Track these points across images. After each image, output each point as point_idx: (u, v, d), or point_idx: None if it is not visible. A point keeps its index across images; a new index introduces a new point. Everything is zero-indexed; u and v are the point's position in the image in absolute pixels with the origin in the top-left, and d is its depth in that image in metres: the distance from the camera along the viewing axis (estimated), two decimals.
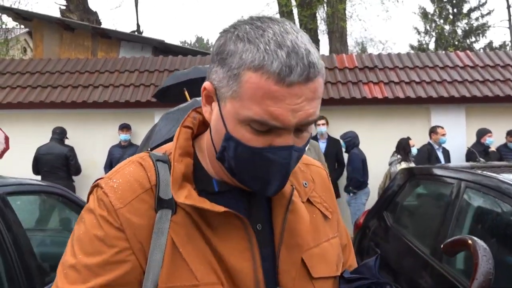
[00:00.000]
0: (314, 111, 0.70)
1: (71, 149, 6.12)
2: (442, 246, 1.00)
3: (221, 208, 0.72)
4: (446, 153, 5.98)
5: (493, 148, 6.02)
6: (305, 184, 0.88)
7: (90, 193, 0.78)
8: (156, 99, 4.46)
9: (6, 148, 5.25)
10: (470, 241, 0.91)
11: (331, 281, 0.83)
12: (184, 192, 0.73)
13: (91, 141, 6.69)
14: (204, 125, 0.84)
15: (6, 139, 5.32)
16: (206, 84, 0.75)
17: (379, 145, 6.27)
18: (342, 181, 6.13)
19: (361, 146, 5.86)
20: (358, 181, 5.69)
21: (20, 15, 10.83)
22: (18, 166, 6.01)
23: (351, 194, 5.83)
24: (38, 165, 5.97)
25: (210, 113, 0.77)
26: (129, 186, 0.75)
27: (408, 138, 5.68)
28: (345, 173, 6.05)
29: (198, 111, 0.85)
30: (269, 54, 0.65)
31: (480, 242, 0.90)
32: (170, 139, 0.84)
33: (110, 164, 6.21)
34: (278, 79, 0.64)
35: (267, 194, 0.75)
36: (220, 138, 0.73)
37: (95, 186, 0.78)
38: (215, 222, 0.74)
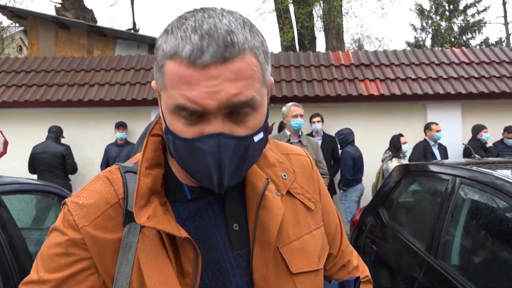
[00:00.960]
0: (240, 91, 0.65)
1: (68, 148, 6.11)
2: None
3: (183, 234, 0.70)
4: (442, 149, 5.99)
5: (490, 143, 6.04)
6: (284, 176, 0.85)
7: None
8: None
9: (3, 152, 5.25)
10: None
11: (313, 274, 0.82)
12: (148, 211, 0.71)
13: (87, 139, 6.68)
14: None
15: (5, 143, 5.33)
16: (152, 83, 0.75)
17: (375, 142, 6.28)
18: (338, 178, 6.14)
19: (357, 143, 5.87)
20: (347, 179, 5.70)
21: (15, 14, 10.77)
22: (14, 165, 6.00)
23: (341, 191, 5.86)
24: (34, 164, 5.95)
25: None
26: (95, 202, 0.74)
27: (400, 135, 5.68)
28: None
29: None
30: (183, 40, 0.64)
31: None
32: None
33: (106, 163, 6.20)
34: (189, 62, 0.64)
35: (215, 190, 0.71)
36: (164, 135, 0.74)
37: (63, 204, 0.77)
38: (178, 240, 0.72)
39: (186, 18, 0.68)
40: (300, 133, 4.59)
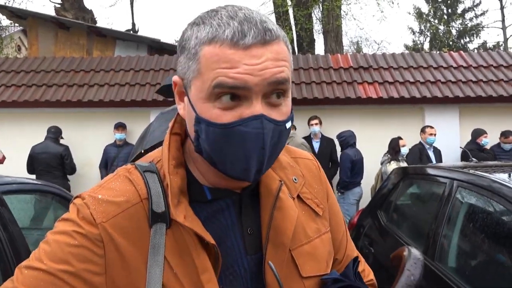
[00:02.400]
0: (282, 70, 0.67)
1: (66, 148, 6.11)
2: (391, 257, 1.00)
3: (210, 240, 0.70)
4: (437, 152, 6.03)
5: (487, 148, 6.08)
6: (295, 179, 0.85)
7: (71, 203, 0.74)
8: (160, 94, 4.39)
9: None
10: (404, 253, 0.91)
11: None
12: (182, 209, 0.70)
13: (86, 140, 6.68)
14: None
15: (3, 159, 5.42)
16: (174, 78, 0.75)
17: (374, 145, 6.30)
18: (336, 181, 6.16)
19: None
20: (344, 181, 5.73)
21: (14, 13, 10.77)
22: (13, 165, 5.99)
23: (339, 194, 5.88)
24: (33, 164, 5.95)
25: (184, 109, 0.75)
26: (114, 200, 0.71)
27: (399, 138, 5.70)
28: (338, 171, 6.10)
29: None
30: (221, 26, 0.66)
31: (413, 256, 0.90)
32: None
33: (105, 163, 6.20)
34: (232, 43, 0.65)
35: (249, 178, 0.70)
36: (193, 127, 0.71)
37: (76, 197, 0.74)
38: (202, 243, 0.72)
39: (216, 11, 0.69)
40: None
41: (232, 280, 0.74)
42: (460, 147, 6.22)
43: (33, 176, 5.79)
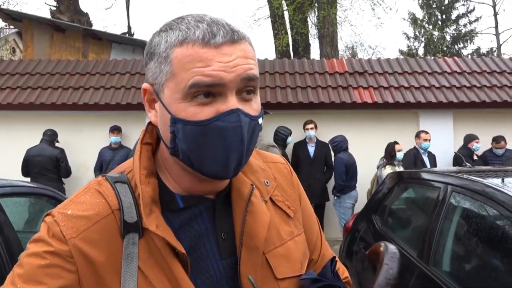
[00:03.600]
0: (251, 68, 0.70)
1: (62, 151, 6.09)
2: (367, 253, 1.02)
3: (181, 249, 0.70)
4: (432, 157, 6.08)
5: (478, 153, 6.15)
6: (267, 182, 0.86)
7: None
8: None
9: None
10: (381, 249, 0.93)
11: (296, 280, 0.82)
12: (153, 219, 0.71)
13: (82, 143, 6.66)
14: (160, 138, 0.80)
15: None
16: (144, 85, 0.75)
17: (369, 149, 6.34)
18: (332, 185, 6.18)
19: (350, 150, 5.93)
20: (340, 185, 5.75)
21: (10, 16, 10.73)
22: (7, 168, 5.96)
23: (335, 198, 5.90)
24: (28, 167, 5.92)
25: (156, 115, 0.76)
26: (84, 214, 0.71)
27: (395, 143, 5.75)
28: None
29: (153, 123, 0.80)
30: (190, 28, 0.69)
31: (389, 250, 0.91)
32: None
33: (100, 166, 6.18)
34: (203, 42, 0.67)
35: (228, 175, 0.72)
36: (168, 130, 0.72)
37: (47, 214, 0.73)
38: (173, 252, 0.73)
39: (182, 18, 0.72)
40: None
41: (208, 285, 0.75)
42: (454, 152, 6.28)
43: (28, 179, 5.76)
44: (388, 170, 5.29)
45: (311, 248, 0.91)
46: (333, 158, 6.05)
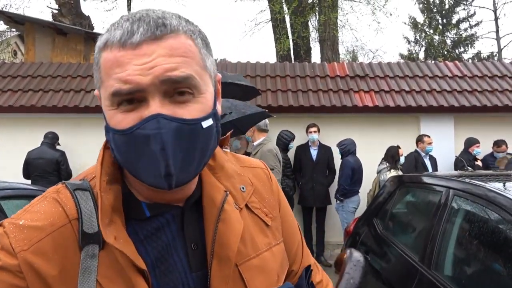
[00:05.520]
0: (176, 67, 0.63)
1: (63, 153, 6.09)
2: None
3: (141, 265, 0.65)
4: (433, 160, 6.07)
5: (479, 158, 6.14)
6: (243, 188, 0.81)
7: None
8: None
9: None
10: (345, 257, 0.91)
11: None
12: (112, 230, 0.66)
13: (83, 146, 6.65)
14: None
15: None
16: (95, 92, 0.72)
17: (369, 153, 6.33)
18: (334, 188, 6.18)
19: None
20: (344, 189, 5.73)
21: (12, 19, 10.75)
22: (8, 170, 5.96)
23: (338, 202, 5.88)
24: (29, 169, 5.92)
25: None
26: (37, 225, 0.66)
27: (398, 147, 5.75)
28: (336, 179, 6.11)
29: None
30: (114, 29, 0.64)
31: (353, 258, 0.89)
32: None
33: None
34: (120, 44, 0.63)
35: (164, 185, 0.65)
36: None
37: None
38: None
39: (122, 16, 0.68)
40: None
41: None
42: (456, 156, 6.27)
43: (28, 182, 5.76)
44: (393, 174, 5.27)
45: (291, 259, 0.86)
46: (335, 162, 6.04)
